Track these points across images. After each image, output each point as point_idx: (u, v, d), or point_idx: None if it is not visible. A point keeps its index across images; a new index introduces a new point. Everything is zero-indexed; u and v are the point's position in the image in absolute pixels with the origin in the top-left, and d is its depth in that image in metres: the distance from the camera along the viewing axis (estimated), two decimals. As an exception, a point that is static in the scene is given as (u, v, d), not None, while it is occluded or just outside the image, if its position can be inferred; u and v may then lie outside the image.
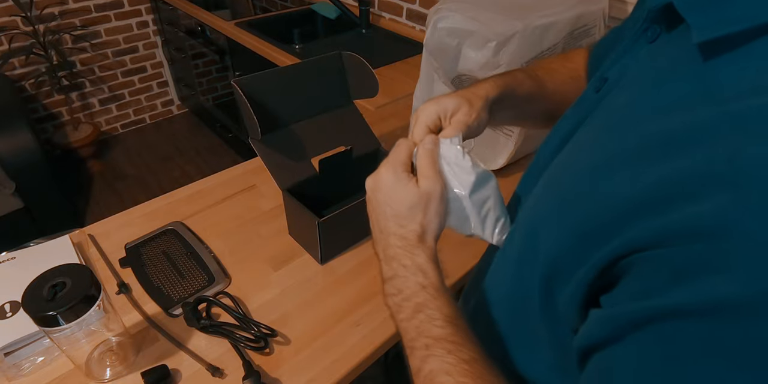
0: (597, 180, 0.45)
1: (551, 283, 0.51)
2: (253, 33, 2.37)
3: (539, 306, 0.55)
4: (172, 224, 1.18)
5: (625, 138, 0.44)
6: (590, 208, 0.44)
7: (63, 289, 0.74)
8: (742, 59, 0.39)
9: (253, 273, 1.08)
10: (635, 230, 0.38)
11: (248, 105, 0.95)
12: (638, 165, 0.40)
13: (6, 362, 0.86)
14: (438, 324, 0.57)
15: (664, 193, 0.37)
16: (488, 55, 1.07)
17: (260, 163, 1.15)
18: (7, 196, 2.39)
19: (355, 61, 1.11)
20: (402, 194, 0.64)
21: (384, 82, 1.06)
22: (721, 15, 0.40)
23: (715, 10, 0.41)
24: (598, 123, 0.54)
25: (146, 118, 3.93)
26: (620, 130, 0.47)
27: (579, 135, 0.57)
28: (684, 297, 0.34)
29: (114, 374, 0.88)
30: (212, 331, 0.94)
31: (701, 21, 0.41)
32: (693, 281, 0.34)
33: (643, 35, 0.54)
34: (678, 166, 0.37)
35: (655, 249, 0.37)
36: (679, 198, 0.35)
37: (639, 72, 0.52)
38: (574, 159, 0.54)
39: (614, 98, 0.54)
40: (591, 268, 0.42)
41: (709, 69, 0.41)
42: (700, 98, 0.40)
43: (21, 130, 2.41)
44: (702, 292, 0.33)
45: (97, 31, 3.33)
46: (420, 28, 2.43)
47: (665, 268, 0.36)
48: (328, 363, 0.91)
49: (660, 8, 0.49)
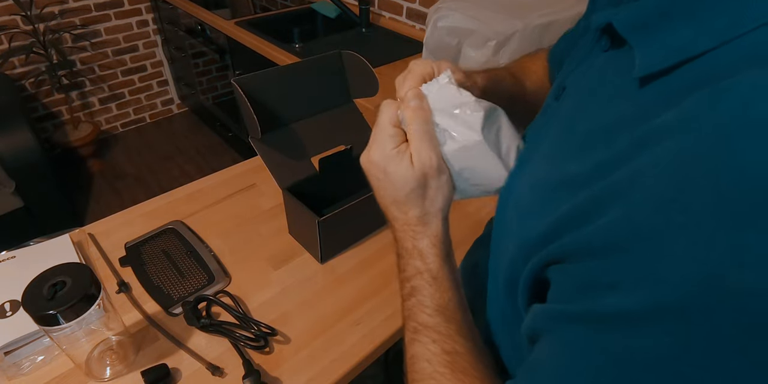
0: (547, 199, 0.47)
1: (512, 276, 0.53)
2: (253, 32, 2.37)
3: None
4: (172, 223, 1.18)
5: (566, 160, 0.47)
6: (536, 221, 0.46)
7: (63, 288, 0.74)
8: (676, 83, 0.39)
9: (253, 272, 1.08)
10: (553, 245, 0.42)
11: (248, 104, 0.95)
12: (575, 186, 0.43)
13: (6, 361, 0.86)
14: (427, 312, 0.59)
15: (581, 210, 0.40)
16: (488, 54, 1.08)
17: (260, 162, 1.15)
18: (7, 195, 2.39)
19: (355, 60, 1.11)
20: (396, 178, 0.61)
21: (384, 81, 1.06)
22: (662, 42, 0.41)
23: (655, 36, 0.42)
24: (554, 137, 0.55)
25: (146, 117, 3.93)
26: (566, 150, 0.49)
27: (543, 147, 0.58)
28: (581, 307, 0.39)
29: (114, 373, 0.88)
30: (212, 330, 0.94)
31: (643, 51, 0.42)
32: (589, 294, 0.38)
33: (597, 45, 0.54)
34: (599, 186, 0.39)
35: (563, 263, 0.41)
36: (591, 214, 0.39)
37: (589, 83, 0.53)
38: (536, 172, 0.55)
39: (566, 109, 0.55)
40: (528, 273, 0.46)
41: (645, 94, 0.42)
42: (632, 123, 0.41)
43: (21, 129, 2.41)
44: (594, 305, 0.37)
45: (97, 30, 3.33)
46: (420, 27, 2.44)
47: (570, 279, 0.40)
48: (328, 362, 0.91)
49: (603, 27, 0.50)
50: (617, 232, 0.36)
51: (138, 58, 3.63)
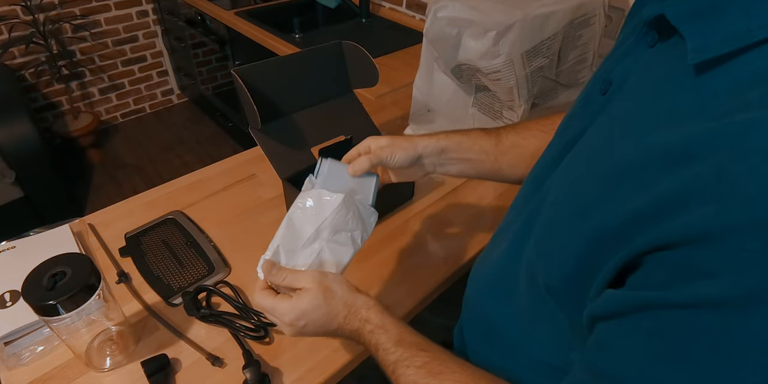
0: (609, 189, 0.47)
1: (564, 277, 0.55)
2: (252, 22, 2.36)
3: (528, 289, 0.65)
4: (172, 213, 1.18)
5: (630, 149, 0.47)
6: (605, 215, 0.47)
7: (63, 279, 0.74)
8: (736, 71, 0.40)
9: (253, 262, 1.07)
10: (645, 236, 0.41)
11: (248, 94, 0.95)
12: (643, 176, 0.43)
13: (6, 351, 0.86)
14: (391, 351, 0.69)
15: (664, 204, 0.40)
16: (488, 44, 1.07)
17: (260, 152, 1.15)
18: (7, 185, 2.39)
19: (356, 50, 1.11)
20: (310, 310, 0.73)
21: (384, 72, 1.06)
22: (714, 30, 0.41)
23: (708, 24, 0.42)
24: (605, 131, 0.55)
25: (146, 107, 3.92)
26: (625, 140, 0.49)
27: (588, 138, 0.59)
28: (672, 294, 0.39)
29: (114, 363, 0.88)
30: (212, 320, 0.94)
31: (696, 38, 0.43)
32: (684, 281, 0.38)
33: (643, 39, 0.54)
34: (676, 179, 0.40)
35: (657, 252, 0.41)
36: (676, 208, 0.39)
37: (639, 79, 0.54)
38: (586, 165, 0.55)
39: (618, 105, 0.55)
40: (611, 268, 0.46)
41: (704, 82, 0.43)
42: (696, 111, 0.42)
43: (21, 120, 2.41)
44: (688, 292, 0.38)
45: (97, 20, 3.31)
46: (420, 17, 2.43)
47: (664, 267, 0.40)
48: (328, 352, 0.92)
49: (654, 18, 0.50)
50: (714, 223, 0.36)
51: (138, 49, 3.62)
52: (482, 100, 1.30)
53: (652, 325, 0.41)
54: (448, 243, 1.13)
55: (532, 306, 0.65)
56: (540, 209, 0.63)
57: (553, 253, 0.57)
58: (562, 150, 0.63)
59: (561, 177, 0.61)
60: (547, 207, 0.61)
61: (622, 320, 0.44)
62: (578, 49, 1.28)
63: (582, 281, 0.51)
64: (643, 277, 0.43)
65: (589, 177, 0.53)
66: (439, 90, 1.35)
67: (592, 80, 0.63)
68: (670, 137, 0.42)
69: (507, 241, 0.72)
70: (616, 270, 0.45)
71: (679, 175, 0.39)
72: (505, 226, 0.77)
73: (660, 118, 0.45)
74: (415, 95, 1.40)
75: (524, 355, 0.68)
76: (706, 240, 0.36)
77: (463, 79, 1.25)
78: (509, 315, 0.71)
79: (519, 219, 0.70)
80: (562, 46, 1.23)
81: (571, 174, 0.59)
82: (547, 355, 0.65)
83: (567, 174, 0.60)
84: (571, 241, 0.52)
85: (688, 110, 0.42)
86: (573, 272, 0.53)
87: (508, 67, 1.11)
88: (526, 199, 0.72)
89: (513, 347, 0.71)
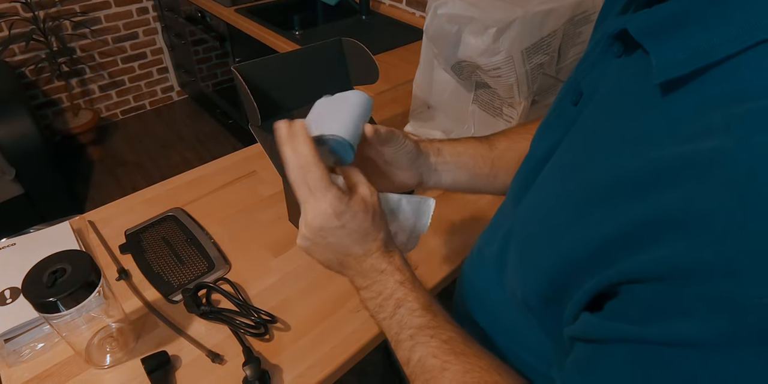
0: (581, 213, 0.47)
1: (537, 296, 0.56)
2: (253, 19, 2.36)
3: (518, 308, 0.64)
4: (172, 210, 1.18)
5: (602, 171, 0.46)
6: (577, 239, 0.47)
7: (63, 276, 0.74)
8: (701, 90, 0.40)
9: (253, 259, 1.08)
10: (617, 266, 0.42)
11: (248, 91, 0.95)
12: (613, 201, 0.43)
13: (6, 348, 0.86)
14: (417, 314, 0.62)
15: (634, 232, 0.40)
16: (488, 41, 1.07)
17: (260, 149, 1.15)
18: (7, 182, 2.39)
19: (356, 47, 1.10)
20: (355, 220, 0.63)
21: (384, 69, 1.06)
22: (677, 46, 0.41)
23: (671, 40, 0.42)
24: (578, 146, 0.55)
25: (146, 104, 3.92)
26: (596, 160, 0.49)
27: (562, 153, 0.58)
28: (648, 330, 0.39)
29: (114, 360, 0.88)
30: (212, 317, 0.94)
31: (659, 55, 0.42)
32: (659, 318, 0.38)
33: (609, 49, 0.54)
34: (645, 207, 0.39)
35: (632, 284, 0.41)
36: (646, 239, 0.39)
37: (609, 91, 0.53)
38: (561, 183, 0.55)
39: (589, 116, 0.55)
40: (586, 292, 0.46)
41: (671, 101, 0.42)
42: (665, 132, 0.41)
43: (21, 117, 2.41)
44: (664, 329, 0.38)
45: (97, 17, 3.31)
46: (420, 14, 2.43)
47: (640, 300, 0.40)
48: (328, 349, 0.92)
49: (618, 32, 0.50)
50: (685, 260, 0.36)
51: (138, 46, 3.62)
52: (482, 97, 1.30)
53: (629, 357, 0.41)
54: (447, 240, 1.13)
55: (520, 317, 0.65)
56: (517, 225, 0.64)
57: (528, 271, 0.57)
58: (540, 160, 0.63)
59: (536, 193, 0.61)
60: (523, 223, 0.62)
61: (600, 346, 0.45)
62: (578, 46, 1.28)
63: (557, 301, 0.52)
64: (620, 308, 0.43)
65: (562, 197, 0.52)
66: (439, 87, 1.35)
67: (564, 88, 0.63)
68: (640, 161, 0.41)
69: (495, 249, 0.72)
70: (591, 295, 0.45)
71: (648, 203, 0.39)
72: (491, 230, 0.77)
73: (629, 138, 0.45)
74: (415, 92, 1.40)
75: (520, 363, 0.68)
76: (678, 277, 0.36)
77: (463, 76, 1.25)
78: (498, 324, 0.72)
79: (503, 228, 0.70)
80: (562, 43, 1.23)
81: (546, 190, 0.59)
82: (540, 365, 0.65)
83: (542, 190, 0.60)
84: (546, 261, 0.53)
85: (657, 131, 0.42)
86: (548, 292, 0.53)
87: (508, 64, 1.11)
88: (506, 211, 0.72)
89: (508, 354, 0.70)
